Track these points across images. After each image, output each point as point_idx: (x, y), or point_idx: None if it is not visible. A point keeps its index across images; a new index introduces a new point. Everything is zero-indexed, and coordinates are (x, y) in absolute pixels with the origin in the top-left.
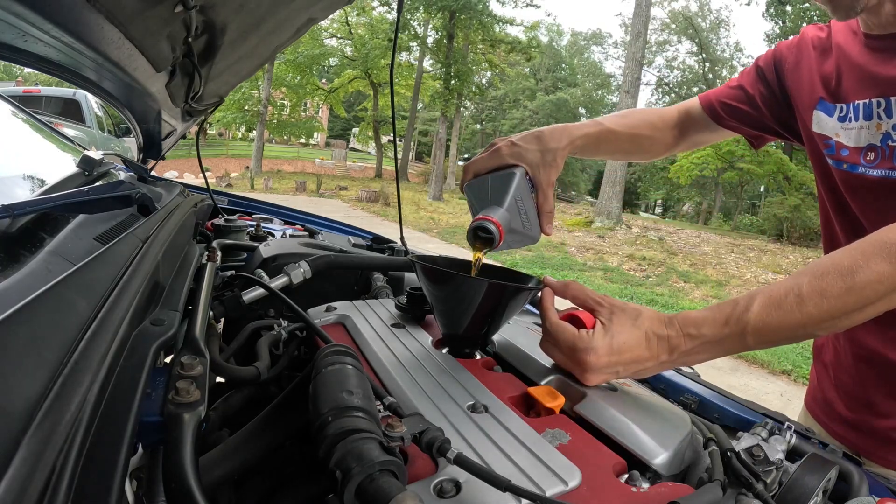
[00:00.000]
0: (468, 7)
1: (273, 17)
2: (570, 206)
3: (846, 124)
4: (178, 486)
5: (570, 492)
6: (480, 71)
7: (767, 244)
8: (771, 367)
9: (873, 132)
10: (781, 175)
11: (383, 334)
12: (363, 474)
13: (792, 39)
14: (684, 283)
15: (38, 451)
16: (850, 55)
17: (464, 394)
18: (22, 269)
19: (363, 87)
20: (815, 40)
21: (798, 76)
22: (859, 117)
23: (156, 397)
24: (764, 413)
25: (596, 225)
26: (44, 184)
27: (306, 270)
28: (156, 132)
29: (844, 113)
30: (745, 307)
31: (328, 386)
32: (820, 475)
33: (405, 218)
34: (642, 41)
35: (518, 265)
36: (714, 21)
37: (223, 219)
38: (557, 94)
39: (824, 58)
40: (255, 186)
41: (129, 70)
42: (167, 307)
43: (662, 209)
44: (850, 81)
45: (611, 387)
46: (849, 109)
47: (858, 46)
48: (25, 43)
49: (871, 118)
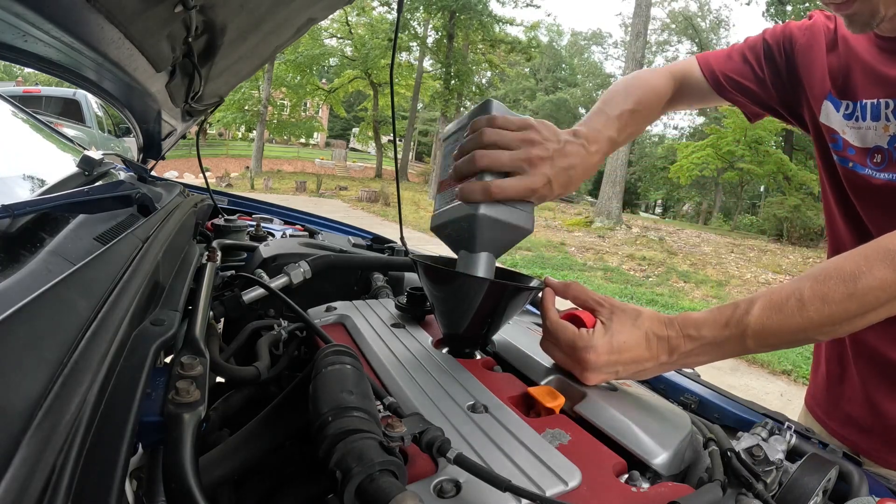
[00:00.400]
0: (468, 7)
1: (273, 17)
2: (570, 206)
3: (852, 122)
4: (178, 486)
5: (570, 492)
6: (480, 71)
7: (767, 244)
8: (771, 367)
9: (880, 134)
10: (781, 175)
11: (383, 334)
12: (363, 474)
13: (803, 22)
14: (684, 283)
15: (38, 451)
16: (859, 52)
17: (464, 394)
18: (22, 269)
19: (363, 87)
20: (825, 29)
21: (810, 61)
22: (867, 117)
23: (156, 397)
24: (764, 413)
25: (596, 225)
26: (44, 184)
27: (306, 270)
28: (156, 132)
29: (851, 111)
30: (745, 310)
31: (328, 386)
32: (820, 475)
33: (405, 218)
34: (642, 41)
35: (518, 265)
36: (714, 21)
37: (223, 219)
38: (557, 94)
39: (831, 50)
40: (255, 186)
41: (129, 70)
42: (167, 307)
43: (662, 209)
44: (858, 79)
45: (611, 387)
46: (856, 108)
47: (867, 44)
48: (25, 43)
49: (878, 119)
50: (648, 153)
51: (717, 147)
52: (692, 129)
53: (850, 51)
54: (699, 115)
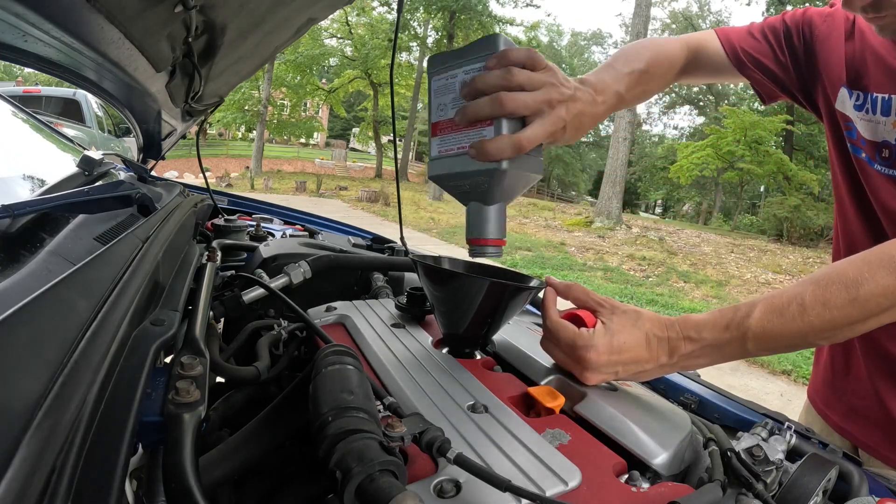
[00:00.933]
0: (468, 7)
1: (273, 17)
2: (570, 206)
3: (863, 114)
4: (178, 486)
5: (570, 492)
6: None
7: (767, 244)
8: (771, 368)
9: (889, 129)
10: (781, 175)
11: (383, 334)
12: (363, 474)
13: (824, 9)
14: (684, 283)
15: (38, 451)
16: (875, 45)
17: (464, 394)
18: (22, 269)
19: (363, 87)
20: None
21: (829, 49)
22: (877, 111)
23: (156, 397)
24: (764, 413)
25: (596, 225)
26: (44, 184)
27: (306, 270)
28: (156, 132)
29: (861, 102)
30: (746, 313)
31: (328, 386)
32: (820, 475)
33: (405, 218)
34: None
35: (518, 265)
36: (714, 22)
37: (223, 219)
38: None
39: (849, 40)
40: (255, 186)
41: (129, 70)
42: (167, 307)
43: (662, 209)
44: (871, 71)
45: (611, 387)
46: (867, 100)
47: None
48: (25, 43)
49: (889, 114)
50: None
51: (718, 147)
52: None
53: (865, 42)
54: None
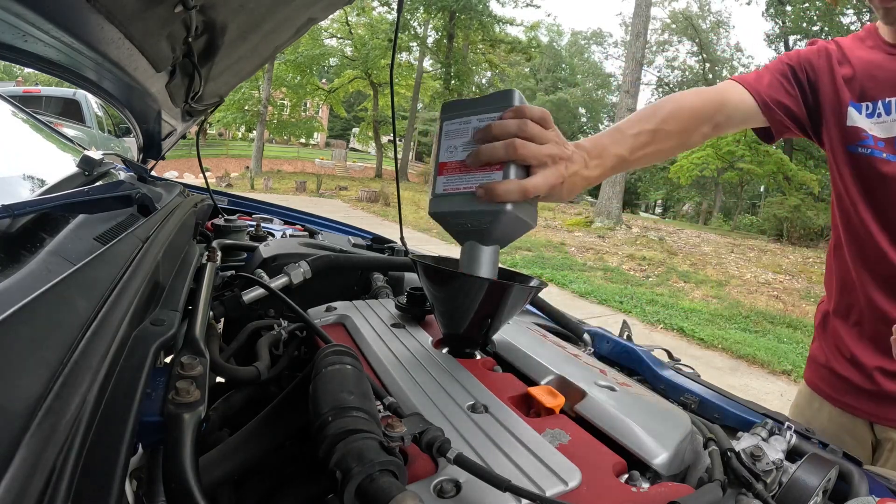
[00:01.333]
0: (468, 7)
1: (273, 17)
2: (570, 206)
3: (875, 119)
4: (178, 486)
5: (570, 492)
6: (480, 71)
7: (767, 244)
8: (771, 367)
9: None
10: (781, 175)
11: (383, 334)
12: (363, 474)
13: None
14: (684, 283)
15: (38, 451)
16: (874, 61)
17: (464, 394)
18: (22, 269)
19: (363, 87)
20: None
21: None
22: (891, 112)
23: (156, 397)
24: (764, 413)
25: (596, 225)
26: (44, 184)
27: (306, 270)
28: (156, 132)
29: (872, 110)
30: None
31: (328, 386)
32: (820, 475)
33: (405, 218)
34: (642, 41)
35: (518, 265)
36: (714, 21)
37: (223, 219)
38: (557, 94)
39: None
40: (255, 186)
41: (129, 70)
42: (167, 307)
43: (662, 209)
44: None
45: (611, 387)
46: (876, 106)
47: (881, 55)
48: (25, 43)
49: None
50: None
51: (718, 147)
52: None
53: (859, 61)
54: None
